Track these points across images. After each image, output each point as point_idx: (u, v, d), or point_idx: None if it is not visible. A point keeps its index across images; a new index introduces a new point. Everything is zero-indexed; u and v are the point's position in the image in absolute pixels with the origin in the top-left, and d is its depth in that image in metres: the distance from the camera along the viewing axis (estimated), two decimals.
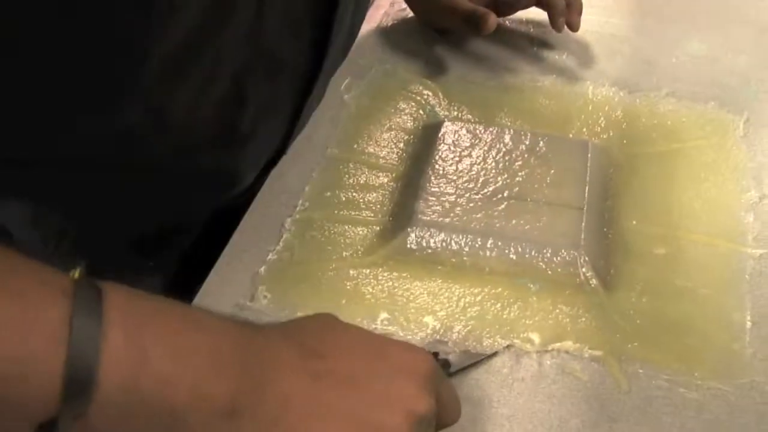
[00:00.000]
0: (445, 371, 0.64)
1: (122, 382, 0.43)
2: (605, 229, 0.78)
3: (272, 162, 0.85)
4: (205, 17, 0.64)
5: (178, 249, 0.85)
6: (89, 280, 0.46)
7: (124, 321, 0.45)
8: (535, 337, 0.69)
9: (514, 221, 0.76)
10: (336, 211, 0.80)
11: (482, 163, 0.82)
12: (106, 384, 0.43)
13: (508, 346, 0.68)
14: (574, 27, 1.02)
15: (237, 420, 0.47)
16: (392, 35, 1.08)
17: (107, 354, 0.43)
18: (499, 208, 0.77)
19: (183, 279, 0.82)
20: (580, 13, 1.03)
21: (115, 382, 0.43)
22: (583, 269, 0.73)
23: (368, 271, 0.74)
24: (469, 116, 0.93)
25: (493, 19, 0.95)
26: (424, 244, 0.75)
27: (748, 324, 0.71)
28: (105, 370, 0.43)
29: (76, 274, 0.47)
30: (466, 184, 0.80)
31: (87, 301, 0.44)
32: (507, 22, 1.10)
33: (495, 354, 0.68)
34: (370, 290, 0.73)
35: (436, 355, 0.65)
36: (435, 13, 1.05)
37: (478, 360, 0.67)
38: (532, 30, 1.09)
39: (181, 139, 0.72)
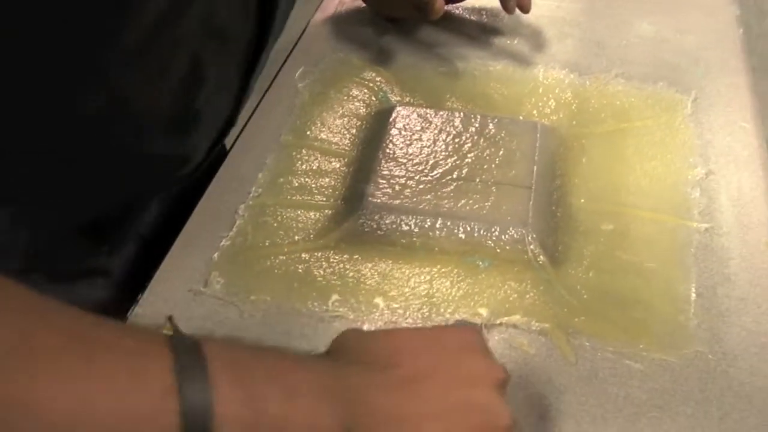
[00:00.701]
0: None
1: (241, 428, 0.45)
2: (553, 208, 0.79)
3: (222, 135, 0.85)
4: (168, 2, 0.64)
5: (135, 231, 0.86)
6: (182, 332, 0.47)
7: (229, 369, 0.46)
8: (484, 312, 0.70)
9: (463, 201, 0.77)
10: (289, 197, 0.81)
11: (432, 146, 0.83)
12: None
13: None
14: (525, 8, 1.03)
15: None
16: (345, 25, 1.09)
17: (220, 403, 0.44)
18: (448, 189, 0.78)
19: (140, 264, 0.83)
20: None
21: (234, 429, 0.44)
22: (531, 246, 0.74)
23: (320, 254, 0.75)
24: (422, 101, 0.94)
25: (440, 4, 0.96)
26: (375, 226, 0.76)
27: (693, 296, 0.73)
28: (221, 419, 0.44)
29: (167, 328, 0.48)
30: (416, 167, 0.81)
31: (187, 352, 0.45)
32: (459, 9, 1.11)
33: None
34: (322, 273, 0.74)
35: None
36: (386, 1, 1.06)
37: None
38: (483, 17, 1.10)
39: (140, 121, 0.72)
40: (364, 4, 1.11)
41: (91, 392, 0.42)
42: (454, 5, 1.10)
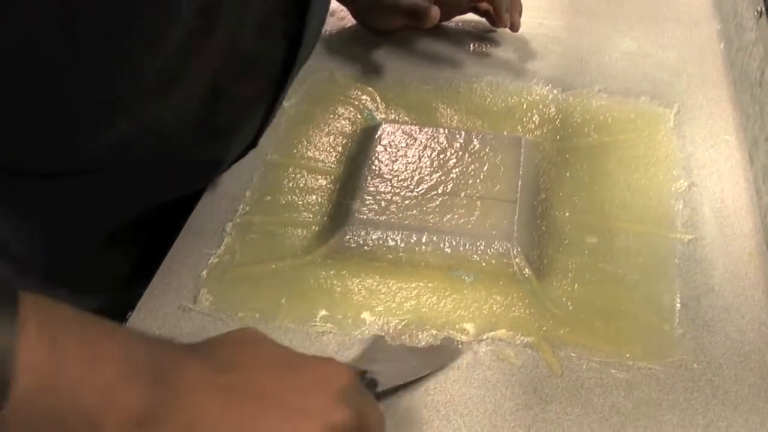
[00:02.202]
0: (371, 391, 0.63)
1: (38, 382, 0.44)
2: (538, 221, 0.80)
3: (247, 148, 0.87)
4: (193, 29, 0.65)
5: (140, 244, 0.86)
6: (2, 281, 0.46)
7: (40, 323, 0.45)
8: (470, 327, 0.71)
9: (448, 216, 0.78)
10: (276, 214, 0.82)
11: (417, 162, 0.84)
12: (22, 382, 0.43)
13: (444, 339, 0.70)
14: (515, 27, 1.04)
15: (148, 429, 0.48)
16: (331, 42, 1.10)
17: (23, 352, 0.43)
18: (434, 204, 0.79)
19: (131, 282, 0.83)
20: (520, 13, 1.06)
21: (31, 381, 0.44)
22: (516, 260, 0.75)
23: (307, 270, 0.76)
24: (406, 118, 0.95)
25: (435, 12, 0.98)
26: (361, 242, 0.77)
27: (678, 306, 0.73)
28: (22, 368, 0.43)
29: None
30: (401, 183, 0.82)
31: (3, 297, 0.45)
32: (443, 25, 1.12)
33: (425, 376, 0.68)
34: (309, 289, 0.74)
35: (363, 373, 0.64)
36: (377, 13, 1.07)
37: (407, 381, 0.67)
38: (468, 32, 1.11)
39: (167, 140, 0.74)
40: (350, 23, 1.11)
41: None
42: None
